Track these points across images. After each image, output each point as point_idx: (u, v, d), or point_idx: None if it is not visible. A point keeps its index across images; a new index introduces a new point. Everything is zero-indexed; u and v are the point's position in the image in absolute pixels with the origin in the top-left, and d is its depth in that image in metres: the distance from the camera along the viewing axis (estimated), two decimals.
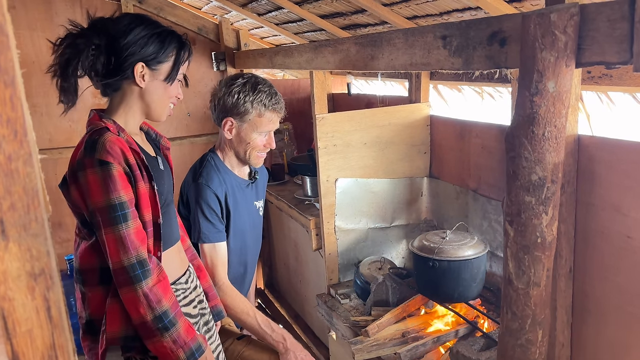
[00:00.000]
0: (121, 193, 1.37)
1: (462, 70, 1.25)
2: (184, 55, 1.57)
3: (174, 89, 1.57)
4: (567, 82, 0.94)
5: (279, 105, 2.03)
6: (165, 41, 1.51)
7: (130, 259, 1.37)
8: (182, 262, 1.69)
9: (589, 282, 1.43)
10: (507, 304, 1.07)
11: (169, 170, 1.70)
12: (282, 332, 1.95)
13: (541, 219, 0.99)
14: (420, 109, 2.44)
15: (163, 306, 1.40)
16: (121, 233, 1.37)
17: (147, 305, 1.38)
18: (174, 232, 1.67)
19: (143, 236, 1.42)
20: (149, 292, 1.38)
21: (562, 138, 0.97)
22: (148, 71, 1.49)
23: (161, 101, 1.55)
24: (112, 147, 1.37)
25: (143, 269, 1.38)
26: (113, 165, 1.36)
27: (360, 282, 2.26)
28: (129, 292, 1.38)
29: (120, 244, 1.37)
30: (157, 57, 1.50)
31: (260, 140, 2.03)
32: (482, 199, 2.13)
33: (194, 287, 1.70)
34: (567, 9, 0.92)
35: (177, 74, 1.56)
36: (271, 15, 3.05)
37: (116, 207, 1.36)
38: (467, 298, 1.93)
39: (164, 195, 1.57)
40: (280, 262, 3.42)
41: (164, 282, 1.44)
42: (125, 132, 1.48)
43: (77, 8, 3.09)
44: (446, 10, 1.99)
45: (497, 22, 1.12)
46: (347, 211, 2.39)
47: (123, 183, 1.38)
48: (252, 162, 2.08)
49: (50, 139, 3.19)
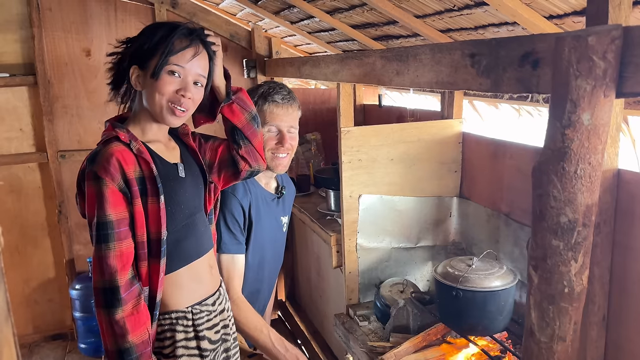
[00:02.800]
0: (108, 212, 1.32)
1: (490, 92, 1.14)
2: (174, 43, 1.37)
3: (164, 85, 1.38)
4: (605, 115, 0.83)
5: (279, 96, 1.95)
6: (150, 35, 1.40)
7: (104, 283, 1.32)
8: (212, 279, 1.60)
9: (625, 334, 1.29)
10: (527, 358, 0.96)
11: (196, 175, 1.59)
12: (295, 353, 1.87)
13: (569, 267, 0.88)
14: (452, 126, 2.32)
15: (126, 342, 1.33)
16: (101, 253, 1.33)
17: (112, 334, 1.33)
18: (203, 243, 1.57)
19: (125, 261, 1.35)
20: (115, 322, 1.32)
21: (598, 177, 0.86)
22: (141, 72, 1.40)
23: (152, 100, 1.40)
24: (110, 160, 1.32)
25: (113, 297, 1.32)
26: (104, 181, 1.31)
27: (380, 304, 2.17)
28: (99, 314, 1.35)
29: (99, 264, 1.33)
30: (145, 52, 1.39)
31: (268, 137, 1.96)
32: (514, 224, 2.00)
33: (221, 310, 1.61)
34: (608, 31, 0.81)
35: (162, 67, 1.36)
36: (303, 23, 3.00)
37: (100, 225, 1.32)
38: (492, 331, 1.81)
39: (185, 205, 1.48)
40: (303, 275, 3.35)
41: (138, 316, 1.35)
42: (139, 142, 1.40)
43: (111, 12, 3.10)
44: (481, 24, 1.88)
45: (530, 42, 1.01)
46: (370, 229, 2.29)
47: (113, 201, 1.33)
48: (269, 164, 1.99)
49: (79, 140, 3.22)
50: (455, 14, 1.88)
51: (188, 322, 1.49)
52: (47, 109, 3.10)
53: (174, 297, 1.47)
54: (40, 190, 3.25)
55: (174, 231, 1.43)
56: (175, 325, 1.47)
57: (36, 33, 3.01)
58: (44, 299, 3.34)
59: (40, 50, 3.04)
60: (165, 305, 1.46)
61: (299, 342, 3.15)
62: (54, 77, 3.11)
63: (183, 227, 1.47)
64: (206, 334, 1.51)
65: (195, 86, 1.44)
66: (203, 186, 1.62)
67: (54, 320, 3.41)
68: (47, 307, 3.37)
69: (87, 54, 3.12)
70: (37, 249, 3.29)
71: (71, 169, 3.21)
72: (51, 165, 3.17)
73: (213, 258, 1.63)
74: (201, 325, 1.50)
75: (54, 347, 3.38)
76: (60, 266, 3.37)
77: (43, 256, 3.33)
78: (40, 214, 3.28)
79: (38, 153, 3.17)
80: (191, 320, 1.49)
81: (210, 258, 1.60)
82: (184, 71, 1.40)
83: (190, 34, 1.41)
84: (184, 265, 1.48)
